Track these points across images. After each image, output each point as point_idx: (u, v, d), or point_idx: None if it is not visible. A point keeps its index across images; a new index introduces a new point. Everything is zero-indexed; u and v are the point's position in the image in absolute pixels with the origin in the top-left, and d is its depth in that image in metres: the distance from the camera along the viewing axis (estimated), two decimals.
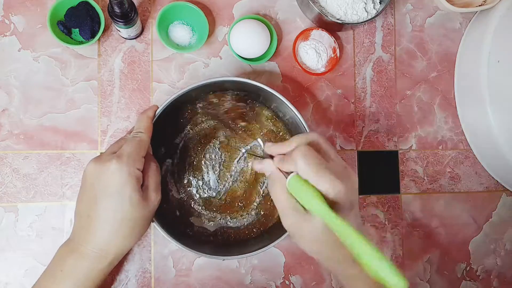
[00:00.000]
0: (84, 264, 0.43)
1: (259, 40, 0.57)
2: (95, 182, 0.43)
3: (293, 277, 0.62)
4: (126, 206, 0.42)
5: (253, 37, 0.57)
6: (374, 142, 0.65)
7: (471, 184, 0.68)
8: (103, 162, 0.43)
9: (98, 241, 0.43)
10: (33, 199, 0.57)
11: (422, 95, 0.67)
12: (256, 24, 0.58)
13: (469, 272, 0.67)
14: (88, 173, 0.44)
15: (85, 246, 0.43)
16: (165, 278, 0.59)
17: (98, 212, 0.42)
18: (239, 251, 0.53)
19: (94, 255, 0.43)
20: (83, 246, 0.43)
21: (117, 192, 0.42)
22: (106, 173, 0.42)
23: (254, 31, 0.57)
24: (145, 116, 0.49)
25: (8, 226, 0.56)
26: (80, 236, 0.44)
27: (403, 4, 0.67)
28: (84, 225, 0.43)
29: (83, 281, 0.43)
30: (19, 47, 0.57)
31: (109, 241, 0.43)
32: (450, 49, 0.68)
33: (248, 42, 0.57)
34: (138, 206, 0.43)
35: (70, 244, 0.45)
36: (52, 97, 0.58)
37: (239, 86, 0.54)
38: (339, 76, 0.64)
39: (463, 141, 0.68)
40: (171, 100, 0.50)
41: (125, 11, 0.51)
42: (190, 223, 0.57)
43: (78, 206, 0.45)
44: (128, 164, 0.42)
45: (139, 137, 0.46)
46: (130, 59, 0.60)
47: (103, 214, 0.42)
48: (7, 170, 0.57)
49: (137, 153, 0.44)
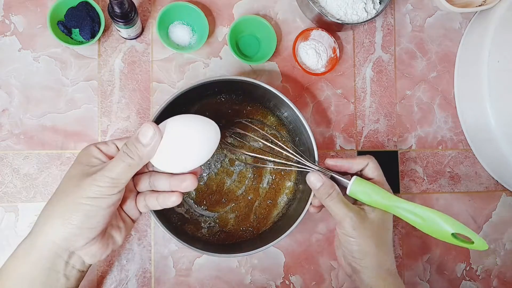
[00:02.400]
0: (48, 258, 0.38)
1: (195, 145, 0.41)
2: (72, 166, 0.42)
3: (293, 277, 0.62)
4: (72, 180, 0.40)
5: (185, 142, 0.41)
6: (374, 142, 0.65)
7: (471, 184, 0.68)
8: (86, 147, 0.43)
9: (37, 221, 0.40)
10: (33, 199, 0.57)
11: (422, 95, 0.67)
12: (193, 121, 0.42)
13: (469, 272, 0.67)
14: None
15: (40, 237, 0.39)
16: (165, 278, 0.59)
17: (63, 181, 0.41)
18: (239, 250, 0.53)
19: (31, 237, 0.39)
20: (38, 237, 0.39)
21: (76, 161, 0.42)
22: (79, 153, 0.42)
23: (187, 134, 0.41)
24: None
25: (8, 226, 0.56)
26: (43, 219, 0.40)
27: (403, 4, 0.67)
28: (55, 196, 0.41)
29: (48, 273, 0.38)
30: (19, 47, 0.57)
31: (45, 220, 0.39)
32: (450, 49, 0.68)
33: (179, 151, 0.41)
34: (77, 178, 0.39)
35: (31, 236, 0.41)
36: (52, 97, 0.58)
37: (239, 86, 0.54)
38: (339, 76, 0.64)
39: (463, 141, 0.68)
40: (171, 100, 0.50)
41: (125, 11, 0.51)
42: (188, 223, 0.57)
43: None
44: (95, 145, 0.42)
45: (131, 159, 0.39)
46: (130, 59, 0.60)
47: (55, 193, 0.41)
48: (7, 170, 0.57)
49: (107, 144, 0.43)
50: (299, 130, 0.56)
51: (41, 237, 0.38)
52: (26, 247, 0.39)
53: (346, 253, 0.50)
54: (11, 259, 0.40)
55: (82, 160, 0.41)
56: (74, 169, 0.41)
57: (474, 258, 0.68)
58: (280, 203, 0.60)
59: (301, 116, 0.53)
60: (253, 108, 0.60)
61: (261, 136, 0.58)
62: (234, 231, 0.59)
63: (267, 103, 0.59)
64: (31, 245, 0.39)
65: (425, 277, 0.66)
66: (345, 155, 0.64)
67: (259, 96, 0.57)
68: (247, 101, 0.59)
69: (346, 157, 0.62)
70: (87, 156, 0.41)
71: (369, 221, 0.48)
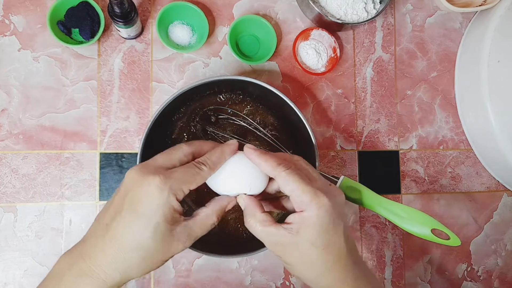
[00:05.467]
0: (82, 285, 0.37)
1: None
2: (129, 192, 0.37)
3: (293, 278, 0.61)
4: (147, 233, 0.36)
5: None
6: (375, 142, 0.65)
7: (472, 184, 0.68)
8: (147, 174, 0.36)
9: (103, 260, 0.37)
10: (32, 199, 0.57)
11: (423, 95, 0.67)
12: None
13: (470, 273, 0.67)
14: (126, 179, 0.38)
15: (88, 261, 0.38)
16: (165, 278, 0.59)
17: (117, 226, 0.37)
18: (239, 251, 0.53)
19: (95, 276, 0.37)
20: (86, 260, 0.38)
21: (144, 214, 0.36)
22: (143, 187, 0.36)
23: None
24: (223, 154, 0.40)
25: (7, 227, 0.56)
26: (88, 244, 0.39)
27: (403, 4, 0.67)
28: (98, 233, 0.38)
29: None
30: (19, 47, 0.57)
31: (114, 265, 0.37)
32: (450, 49, 0.68)
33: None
34: (160, 239, 0.36)
35: (74, 253, 0.39)
36: (51, 97, 0.58)
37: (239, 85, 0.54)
38: (339, 76, 0.64)
39: (464, 141, 0.68)
40: (171, 100, 0.50)
41: (125, 11, 0.51)
42: None
43: (103, 210, 0.40)
44: (171, 190, 0.36)
45: (200, 169, 0.39)
46: (130, 59, 0.59)
47: (120, 231, 0.37)
48: (6, 170, 0.56)
49: (188, 183, 0.38)
50: (299, 130, 0.56)
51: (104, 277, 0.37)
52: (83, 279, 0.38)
53: None
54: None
55: (158, 212, 0.36)
56: (152, 222, 0.36)
57: (475, 259, 0.67)
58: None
59: (301, 116, 0.53)
60: (253, 108, 0.59)
61: (241, 119, 0.58)
62: (234, 231, 0.58)
63: (267, 103, 0.59)
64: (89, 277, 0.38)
65: (426, 278, 0.65)
66: (345, 156, 0.64)
67: (259, 96, 0.57)
68: (247, 101, 0.59)
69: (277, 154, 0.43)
70: (165, 210, 0.36)
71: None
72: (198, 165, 0.39)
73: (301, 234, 0.37)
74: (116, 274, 0.37)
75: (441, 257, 0.66)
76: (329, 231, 0.37)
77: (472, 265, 0.67)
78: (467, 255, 0.67)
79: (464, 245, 0.67)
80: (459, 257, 0.67)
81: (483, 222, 0.68)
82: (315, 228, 0.36)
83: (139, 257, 0.37)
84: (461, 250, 0.67)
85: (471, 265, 0.67)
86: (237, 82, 0.53)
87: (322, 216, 0.36)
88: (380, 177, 0.65)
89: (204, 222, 0.39)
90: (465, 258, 0.67)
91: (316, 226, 0.36)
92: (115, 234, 0.37)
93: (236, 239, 0.58)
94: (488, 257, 0.68)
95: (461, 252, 0.67)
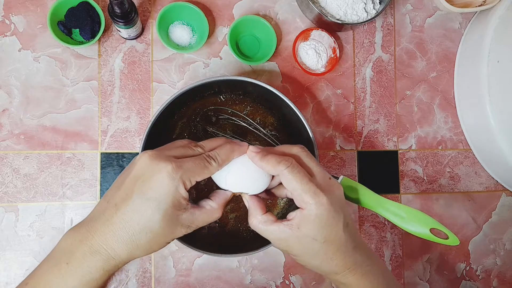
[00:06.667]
0: (92, 261, 0.39)
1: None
2: (141, 176, 0.39)
3: (293, 276, 0.62)
4: (156, 217, 0.38)
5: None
6: (374, 142, 0.65)
7: (471, 184, 0.68)
8: (159, 161, 0.38)
9: (113, 239, 0.39)
10: (33, 199, 0.57)
11: (422, 95, 0.67)
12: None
13: (469, 272, 0.67)
14: (138, 163, 0.40)
15: (97, 238, 0.39)
16: (165, 277, 0.59)
17: (126, 208, 0.39)
18: (239, 250, 0.53)
19: (104, 253, 0.39)
20: (95, 238, 0.39)
21: (155, 199, 0.38)
22: (156, 174, 0.38)
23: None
24: (232, 153, 0.42)
25: (9, 226, 0.56)
26: (97, 223, 0.40)
27: (403, 4, 0.67)
28: (107, 213, 0.40)
29: (88, 280, 0.40)
30: (20, 47, 0.57)
31: (122, 244, 0.39)
32: (450, 49, 0.68)
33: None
34: (167, 223, 0.39)
35: (82, 229, 0.40)
36: (52, 97, 0.58)
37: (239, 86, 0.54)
38: (339, 76, 0.65)
39: (462, 141, 0.68)
40: (171, 100, 0.50)
41: (125, 11, 0.51)
42: None
43: (112, 189, 0.41)
44: (182, 179, 0.38)
45: (210, 164, 0.41)
46: (130, 59, 0.60)
47: (130, 214, 0.39)
48: (7, 170, 0.57)
49: (197, 174, 0.40)
50: (299, 130, 0.56)
51: (111, 260, 0.39)
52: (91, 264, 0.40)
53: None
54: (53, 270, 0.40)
55: (168, 199, 0.38)
56: (161, 208, 0.38)
57: (474, 258, 0.68)
58: (280, 203, 0.60)
59: (301, 116, 0.53)
60: (253, 108, 0.60)
61: (241, 119, 0.58)
62: (234, 231, 0.59)
63: (267, 103, 0.59)
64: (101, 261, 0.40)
65: (425, 277, 0.66)
66: (345, 156, 0.64)
67: (259, 96, 0.57)
68: (247, 101, 0.59)
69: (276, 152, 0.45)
70: (174, 196, 0.38)
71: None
72: (208, 159, 0.41)
73: (302, 229, 0.39)
74: (123, 253, 0.39)
75: (440, 256, 0.66)
76: (328, 226, 0.39)
77: (471, 265, 0.67)
78: (466, 255, 0.67)
79: (463, 245, 0.67)
80: (458, 257, 0.67)
81: (482, 221, 0.68)
82: (315, 225, 0.39)
83: (146, 239, 0.39)
84: (460, 249, 0.67)
85: (470, 264, 0.67)
86: (237, 82, 0.53)
87: (321, 214, 0.39)
88: (379, 177, 0.65)
89: (210, 215, 0.42)
90: (464, 257, 0.67)
91: (316, 223, 0.39)
92: (125, 217, 0.39)
93: (236, 239, 0.58)
94: (487, 256, 0.68)
95: (460, 252, 0.67)
